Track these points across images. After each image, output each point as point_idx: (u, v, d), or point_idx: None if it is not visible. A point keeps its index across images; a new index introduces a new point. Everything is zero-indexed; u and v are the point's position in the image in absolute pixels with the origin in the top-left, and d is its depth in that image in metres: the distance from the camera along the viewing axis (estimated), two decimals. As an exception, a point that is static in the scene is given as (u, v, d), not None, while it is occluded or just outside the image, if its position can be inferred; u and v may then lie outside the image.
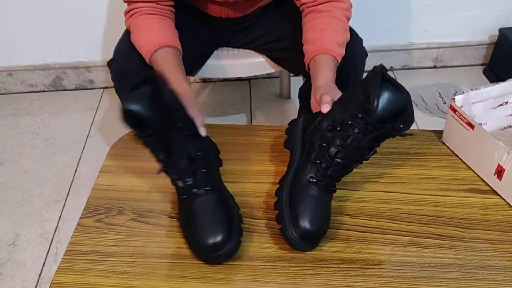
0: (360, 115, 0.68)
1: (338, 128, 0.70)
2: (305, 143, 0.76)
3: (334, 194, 0.75)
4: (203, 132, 0.75)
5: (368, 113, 0.67)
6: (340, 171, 0.72)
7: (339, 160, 0.70)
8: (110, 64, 1.01)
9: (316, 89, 0.81)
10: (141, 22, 0.94)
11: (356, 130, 0.69)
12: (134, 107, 0.65)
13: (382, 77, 0.67)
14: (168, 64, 0.89)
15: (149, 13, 0.94)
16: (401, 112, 0.68)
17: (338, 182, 0.73)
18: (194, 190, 0.70)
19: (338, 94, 0.77)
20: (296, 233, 0.68)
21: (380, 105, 0.66)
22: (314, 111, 0.80)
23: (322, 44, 0.89)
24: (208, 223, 0.69)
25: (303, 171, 0.72)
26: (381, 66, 0.69)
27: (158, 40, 0.91)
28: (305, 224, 0.68)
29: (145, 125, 0.67)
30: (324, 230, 0.71)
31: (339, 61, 0.89)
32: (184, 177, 0.71)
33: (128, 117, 0.66)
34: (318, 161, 0.71)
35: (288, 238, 0.69)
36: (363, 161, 0.73)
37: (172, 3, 0.99)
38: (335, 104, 0.74)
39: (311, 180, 0.71)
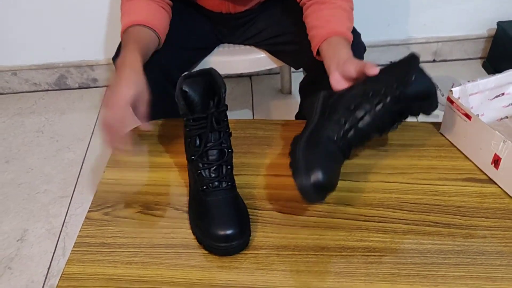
0: (395, 85, 0.72)
1: (371, 94, 0.74)
2: (326, 110, 0.77)
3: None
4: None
5: (404, 85, 0.72)
6: (359, 137, 0.74)
7: (363, 124, 0.73)
8: (115, 60, 1.03)
9: (344, 62, 0.80)
10: (127, 3, 0.96)
11: (388, 99, 0.72)
12: (188, 89, 0.74)
13: (417, 60, 0.74)
14: (130, 38, 0.89)
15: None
16: (429, 96, 0.74)
17: (352, 150, 0.75)
18: (217, 183, 0.73)
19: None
20: (307, 180, 0.68)
21: (416, 82, 0.72)
22: (336, 88, 0.81)
23: (334, 27, 0.89)
24: (224, 215, 0.71)
25: (322, 130, 0.74)
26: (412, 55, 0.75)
27: (130, 19, 0.92)
28: (319, 174, 0.68)
29: (195, 109, 0.74)
30: (333, 186, 0.72)
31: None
32: (210, 169, 0.74)
33: (181, 97, 0.74)
34: (342, 121, 0.73)
35: (300, 185, 0.69)
36: (382, 134, 0.76)
37: None
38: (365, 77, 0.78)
39: (330, 137, 0.73)
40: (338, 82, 0.81)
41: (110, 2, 1.61)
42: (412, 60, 0.75)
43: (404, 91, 0.72)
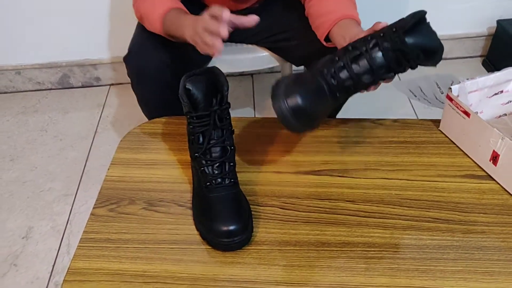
0: (394, 29, 0.72)
1: (369, 37, 0.73)
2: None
3: (336, 182, 0.78)
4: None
5: (404, 31, 0.71)
6: (352, 78, 0.72)
7: (357, 65, 0.72)
8: (126, 59, 1.04)
9: (356, 35, 0.81)
10: (144, 5, 0.97)
11: (385, 43, 0.71)
12: (191, 87, 0.75)
13: (424, 16, 0.73)
14: (173, 17, 0.90)
15: None
16: (431, 50, 0.73)
17: (342, 94, 0.74)
18: (219, 179, 0.75)
19: None
20: (284, 104, 0.69)
21: (417, 31, 0.71)
22: None
23: (344, 12, 0.90)
24: (227, 211, 0.73)
25: (313, 67, 0.73)
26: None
27: (164, 7, 0.92)
28: (297, 98, 0.68)
29: (198, 107, 0.75)
30: (314, 116, 0.71)
31: None
32: (214, 165, 0.75)
33: (185, 95, 0.75)
34: (335, 58, 0.73)
35: (279, 109, 0.69)
36: (376, 82, 0.74)
37: None
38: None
39: (319, 71, 0.72)
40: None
41: (113, 1, 1.63)
42: (419, 14, 0.74)
43: (403, 37, 0.71)
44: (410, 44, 0.71)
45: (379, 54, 0.72)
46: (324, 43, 0.94)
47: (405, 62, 0.73)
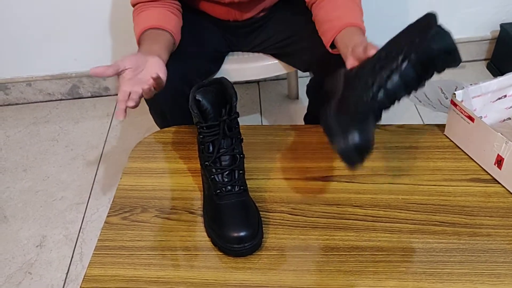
0: (417, 40, 0.72)
1: (394, 53, 0.73)
2: (349, 81, 0.77)
3: (344, 187, 0.80)
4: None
5: (427, 39, 0.71)
6: (389, 96, 0.73)
7: (391, 83, 0.72)
8: None
9: (357, 44, 0.82)
10: (137, 17, 1.01)
11: (412, 55, 0.71)
12: (201, 98, 0.77)
13: (436, 18, 0.73)
14: (144, 40, 0.95)
15: (145, 9, 1.01)
16: (452, 51, 0.73)
17: (383, 111, 0.74)
18: (229, 187, 0.77)
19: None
20: (346, 142, 0.69)
21: (438, 36, 0.72)
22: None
23: (349, 20, 0.91)
24: (237, 218, 0.75)
25: (351, 95, 0.74)
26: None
27: (142, 27, 0.97)
28: (355, 135, 0.69)
29: (207, 117, 0.77)
30: (371, 146, 0.71)
31: None
32: (223, 173, 0.77)
33: (195, 106, 0.78)
34: (369, 83, 0.73)
35: (340, 149, 0.70)
36: (410, 93, 0.74)
37: (174, 1, 1.04)
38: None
39: (359, 100, 0.72)
40: (351, 65, 0.82)
41: (121, 13, 1.66)
42: (430, 17, 0.74)
43: (428, 45, 0.71)
44: (436, 50, 0.72)
45: (410, 69, 0.72)
46: (330, 50, 0.96)
47: (432, 69, 0.73)
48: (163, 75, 0.85)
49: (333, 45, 0.94)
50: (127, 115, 0.81)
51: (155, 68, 0.84)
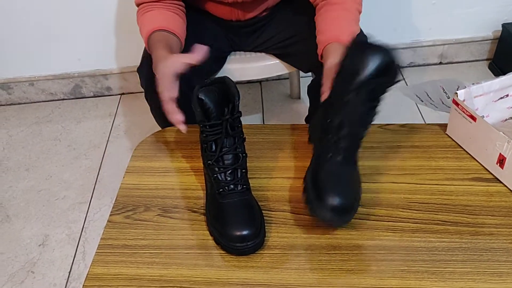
0: (348, 80, 0.73)
1: (333, 99, 0.75)
2: (320, 135, 0.80)
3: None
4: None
5: (356, 74, 0.72)
6: (352, 141, 0.74)
7: (346, 129, 0.73)
8: (139, 70, 1.07)
9: (324, 72, 0.84)
10: (142, 17, 1.02)
11: (350, 95, 0.72)
12: (204, 97, 0.77)
13: (360, 42, 0.74)
14: (155, 42, 0.96)
15: (151, 10, 1.01)
16: (387, 68, 0.73)
17: (356, 152, 0.76)
18: (232, 186, 0.77)
19: None
20: (324, 209, 0.71)
21: (363, 64, 0.72)
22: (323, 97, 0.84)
23: (333, 34, 0.93)
24: (240, 217, 0.75)
25: (319, 156, 0.76)
26: (361, 36, 0.74)
27: (150, 28, 0.98)
28: (330, 198, 0.70)
29: (210, 116, 0.78)
30: (353, 202, 0.73)
31: None
32: (226, 172, 0.77)
33: (198, 105, 0.78)
34: (330, 137, 0.75)
35: (321, 217, 0.71)
36: (368, 126, 0.76)
37: (178, 1, 1.05)
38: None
39: (326, 158, 0.74)
40: (323, 93, 0.84)
41: (123, 14, 1.66)
42: (354, 45, 0.74)
43: (358, 80, 0.72)
44: (374, 76, 0.72)
45: (356, 106, 0.73)
46: (322, 62, 0.96)
47: (378, 94, 0.75)
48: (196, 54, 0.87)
49: None
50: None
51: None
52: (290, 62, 1.22)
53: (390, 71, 0.73)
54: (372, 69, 0.72)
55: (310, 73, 1.22)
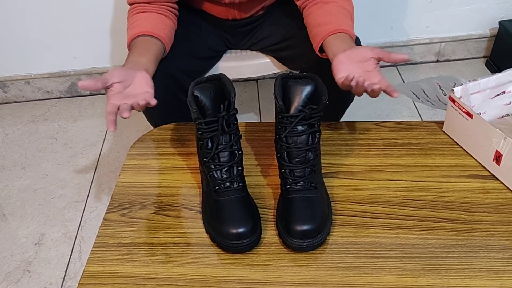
0: (279, 117, 0.77)
1: (277, 136, 0.78)
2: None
3: (342, 184, 0.80)
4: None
5: (283, 112, 0.76)
6: (302, 169, 0.76)
7: (295, 159, 0.76)
8: None
9: (358, 48, 0.84)
10: (131, 18, 1.02)
11: (286, 130, 0.76)
12: (199, 94, 0.77)
13: (281, 78, 0.78)
14: (133, 49, 0.96)
15: (141, 11, 1.01)
16: (312, 95, 0.77)
17: (315, 174, 0.77)
18: (228, 183, 0.77)
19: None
20: (292, 238, 0.73)
21: (287, 100, 0.77)
22: (338, 68, 0.85)
23: (340, 25, 0.92)
24: (236, 214, 0.75)
25: (284, 185, 0.78)
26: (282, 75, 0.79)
27: (134, 31, 0.98)
28: (294, 226, 0.72)
29: (206, 113, 0.77)
30: (317, 224, 0.73)
31: None
32: (222, 170, 0.77)
33: (193, 102, 0.77)
34: (283, 171, 0.77)
35: (291, 247, 0.73)
36: (317, 147, 0.78)
37: (171, 3, 1.04)
38: None
39: (288, 189, 0.77)
40: (341, 63, 0.84)
41: (119, 12, 1.66)
42: (276, 84, 0.78)
43: (285, 115, 0.76)
44: (300, 110, 0.76)
45: (296, 139, 0.76)
46: (319, 54, 0.96)
47: (312, 119, 0.76)
48: (150, 89, 0.87)
49: (322, 50, 0.95)
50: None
51: (142, 83, 0.86)
52: (286, 65, 1.22)
53: (315, 96, 0.77)
54: (296, 101, 0.76)
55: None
